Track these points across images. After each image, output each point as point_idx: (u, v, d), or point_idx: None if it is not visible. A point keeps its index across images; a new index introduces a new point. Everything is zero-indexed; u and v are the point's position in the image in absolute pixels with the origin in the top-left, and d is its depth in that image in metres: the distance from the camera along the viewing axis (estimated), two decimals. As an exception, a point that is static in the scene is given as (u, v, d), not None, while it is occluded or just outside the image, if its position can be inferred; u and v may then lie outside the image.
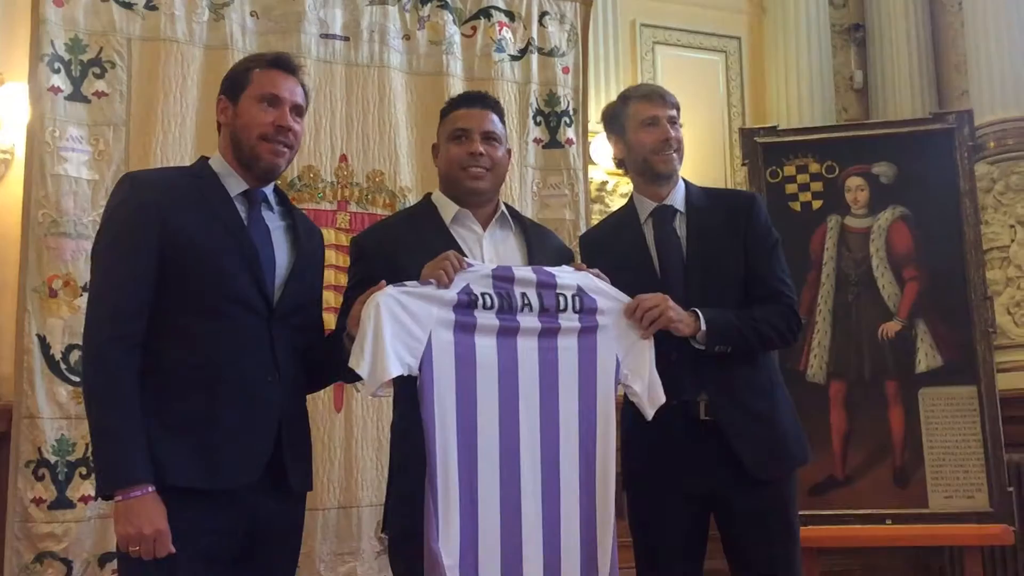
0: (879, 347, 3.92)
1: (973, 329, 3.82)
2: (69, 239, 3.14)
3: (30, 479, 3.04)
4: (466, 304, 2.11)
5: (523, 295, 2.16)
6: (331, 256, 3.17)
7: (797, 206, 4.08)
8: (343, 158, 3.54)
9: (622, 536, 2.28)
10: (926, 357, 3.87)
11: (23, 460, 3.05)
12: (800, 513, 2.56)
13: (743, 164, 4.25)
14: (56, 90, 3.20)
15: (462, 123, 2.37)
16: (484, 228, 2.36)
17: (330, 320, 2.60)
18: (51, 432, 3.07)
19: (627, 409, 2.39)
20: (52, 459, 3.06)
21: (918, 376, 3.86)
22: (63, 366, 3.09)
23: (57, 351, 3.10)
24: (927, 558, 4.47)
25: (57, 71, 3.21)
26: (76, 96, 3.24)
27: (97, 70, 3.27)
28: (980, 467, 3.75)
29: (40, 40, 3.19)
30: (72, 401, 3.07)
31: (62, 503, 3.06)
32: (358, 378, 2.03)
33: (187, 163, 2.87)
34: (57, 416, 3.08)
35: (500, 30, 3.83)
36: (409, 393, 2.10)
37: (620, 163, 2.73)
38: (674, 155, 2.59)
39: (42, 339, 3.10)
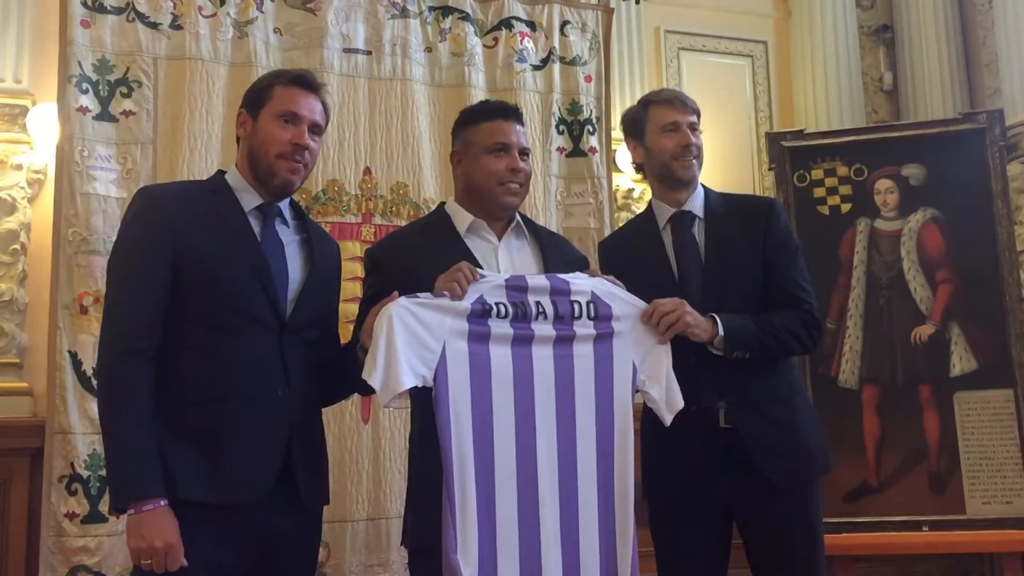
0: (912, 351, 3.88)
1: (1008, 331, 3.78)
2: (99, 256, 3.18)
3: (63, 494, 3.09)
4: (480, 314, 2.10)
5: (537, 303, 2.15)
6: (355, 268, 3.17)
7: (825, 210, 4.05)
8: (367, 171, 3.56)
9: (644, 545, 2.26)
10: (960, 360, 3.83)
11: (56, 475, 3.10)
12: (834, 520, 2.51)
13: (770, 168, 4.22)
14: (84, 110, 3.26)
15: (502, 137, 2.34)
16: (499, 238, 2.35)
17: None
18: (83, 447, 3.12)
19: (645, 416, 2.38)
20: (85, 474, 3.11)
21: (953, 380, 3.82)
22: (94, 382, 3.13)
23: (88, 367, 3.14)
24: (965, 565, 4.39)
25: (85, 91, 3.27)
26: (104, 116, 3.30)
27: (124, 90, 3.33)
28: (1018, 471, 3.71)
29: (68, 61, 3.26)
30: (103, 417, 3.11)
31: (95, 517, 3.11)
32: (374, 390, 2.02)
33: (212, 180, 2.91)
34: (89, 431, 3.12)
35: (522, 40, 3.84)
36: (426, 405, 2.10)
37: (639, 168, 2.72)
38: (694, 161, 2.57)
39: (73, 355, 3.15)
